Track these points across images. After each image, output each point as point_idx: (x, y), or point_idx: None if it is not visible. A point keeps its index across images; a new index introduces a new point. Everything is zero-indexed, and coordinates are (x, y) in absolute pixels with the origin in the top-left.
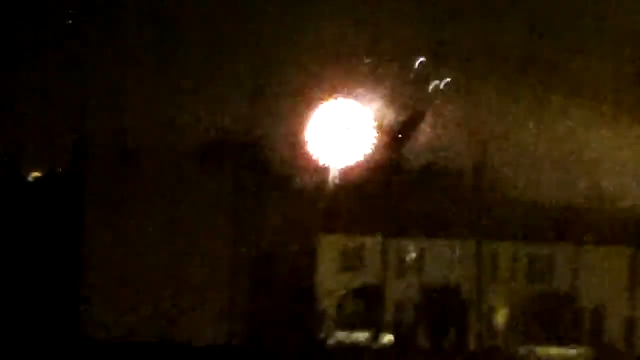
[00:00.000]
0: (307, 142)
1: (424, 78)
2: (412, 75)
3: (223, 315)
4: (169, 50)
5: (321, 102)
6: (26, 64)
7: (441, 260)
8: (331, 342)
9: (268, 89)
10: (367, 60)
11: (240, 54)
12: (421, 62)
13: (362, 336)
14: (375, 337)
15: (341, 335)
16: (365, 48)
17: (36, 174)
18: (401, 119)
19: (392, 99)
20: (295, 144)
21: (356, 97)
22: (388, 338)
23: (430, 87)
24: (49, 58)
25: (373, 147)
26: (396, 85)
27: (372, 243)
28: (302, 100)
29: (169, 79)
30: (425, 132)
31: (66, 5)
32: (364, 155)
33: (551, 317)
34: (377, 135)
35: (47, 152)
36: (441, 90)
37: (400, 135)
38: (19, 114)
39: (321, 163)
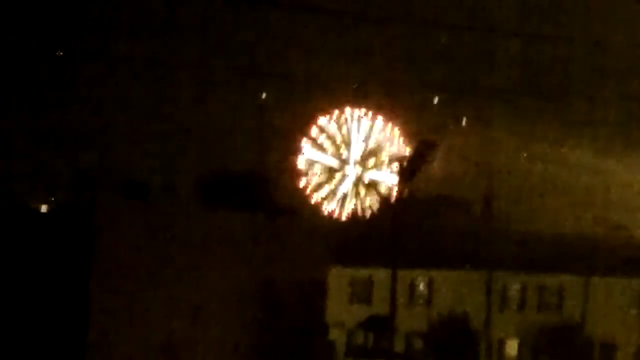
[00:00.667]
0: (314, 174)
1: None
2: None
3: (233, 348)
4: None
5: (329, 134)
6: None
7: (450, 290)
8: None
9: (272, 125)
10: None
11: (243, 88)
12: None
13: None
14: None
15: None
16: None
17: (45, 207)
18: (410, 151)
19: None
20: (303, 176)
21: (364, 130)
22: None
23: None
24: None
25: (382, 179)
26: (406, 117)
27: (381, 274)
28: (309, 133)
29: (168, 116)
30: (434, 164)
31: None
32: (373, 187)
33: (561, 347)
34: (386, 167)
35: (54, 186)
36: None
37: (409, 167)
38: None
39: (330, 195)
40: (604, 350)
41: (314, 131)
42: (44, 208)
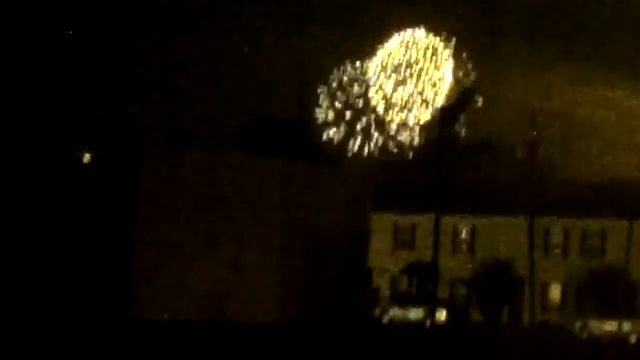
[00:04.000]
0: (357, 120)
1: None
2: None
3: (276, 294)
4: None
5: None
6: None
7: (493, 236)
8: (385, 319)
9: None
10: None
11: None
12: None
13: (415, 313)
14: (429, 314)
15: (395, 312)
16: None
17: (89, 156)
18: (452, 95)
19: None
20: (345, 123)
21: (405, 75)
22: (442, 314)
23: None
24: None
25: (424, 125)
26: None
27: (424, 221)
28: (350, 79)
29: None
30: (477, 109)
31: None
32: (415, 132)
33: (604, 291)
34: (428, 112)
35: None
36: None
37: (452, 112)
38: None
39: (371, 142)
40: None
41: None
42: (86, 158)
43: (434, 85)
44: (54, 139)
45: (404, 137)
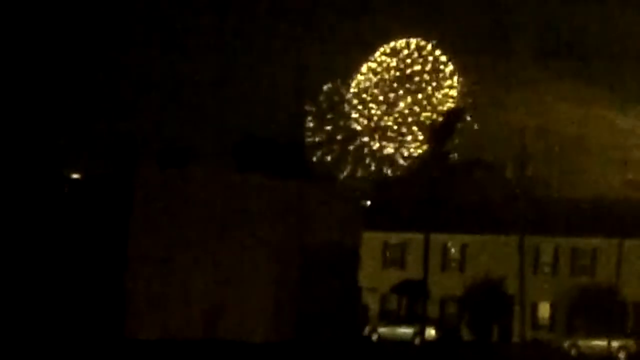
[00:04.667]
0: (348, 140)
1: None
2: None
3: (268, 313)
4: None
5: (361, 99)
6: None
7: (483, 255)
8: (375, 337)
9: (307, 91)
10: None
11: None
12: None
13: (406, 331)
14: (419, 332)
15: (385, 330)
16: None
17: (78, 176)
18: (442, 114)
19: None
20: (336, 142)
21: (395, 96)
22: (432, 332)
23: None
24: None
25: (415, 144)
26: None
27: (414, 239)
28: (342, 100)
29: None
30: (466, 128)
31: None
32: (406, 152)
33: (594, 310)
34: (418, 131)
35: (91, 155)
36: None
37: (442, 130)
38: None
39: (363, 160)
40: (638, 312)
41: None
42: (79, 174)
43: (427, 103)
44: (45, 155)
45: (394, 155)
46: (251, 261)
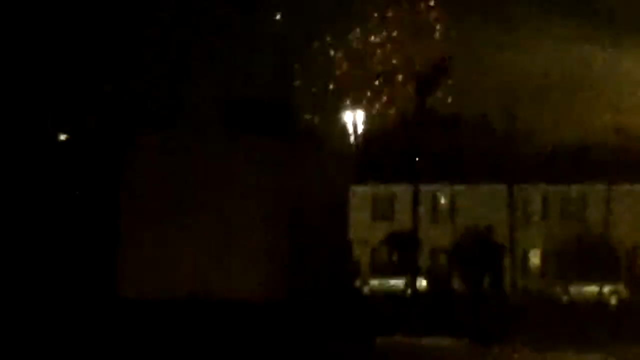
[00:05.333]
0: (333, 93)
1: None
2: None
3: (257, 270)
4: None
5: (346, 54)
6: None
7: (473, 204)
8: (366, 289)
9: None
10: None
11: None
12: None
13: (397, 283)
14: (410, 284)
15: (376, 283)
16: None
17: (68, 137)
18: (429, 64)
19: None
20: (322, 95)
21: (382, 45)
22: (423, 283)
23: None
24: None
25: (401, 95)
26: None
27: (403, 191)
28: (326, 52)
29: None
30: (453, 78)
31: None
32: (393, 103)
33: (585, 256)
34: (405, 81)
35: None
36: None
37: (428, 81)
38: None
39: (349, 113)
40: (628, 257)
41: None
42: (63, 137)
43: (413, 53)
44: (30, 118)
45: (381, 108)
46: (241, 220)
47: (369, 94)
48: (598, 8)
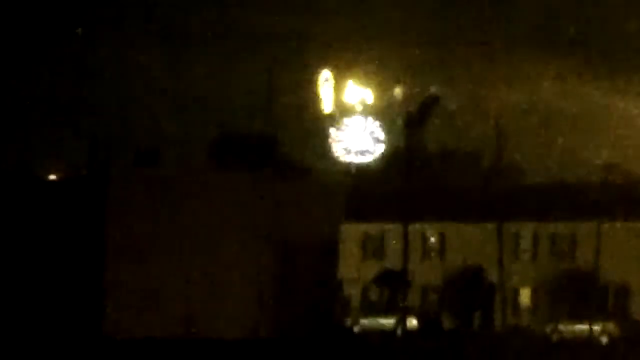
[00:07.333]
0: (324, 131)
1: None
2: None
3: (248, 308)
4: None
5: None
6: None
7: (463, 242)
8: (357, 328)
9: (281, 84)
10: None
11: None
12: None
13: (387, 321)
14: (401, 322)
15: (367, 322)
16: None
17: (54, 177)
18: (417, 103)
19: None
20: (312, 134)
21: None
22: (413, 322)
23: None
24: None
25: (390, 133)
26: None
27: (393, 229)
28: (316, 90)
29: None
30: (441, 116)
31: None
32: (382, 142)
33: (575, 294)
34: (394, 120)
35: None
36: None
37: (417, 119)
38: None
39: (339, 152)
40: (618, 295)
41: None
42: (53, 177)
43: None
44: (18, 156)
45: (371, 146)
46: (230, 257)
47: (359, 130)
48: (594, 47)
